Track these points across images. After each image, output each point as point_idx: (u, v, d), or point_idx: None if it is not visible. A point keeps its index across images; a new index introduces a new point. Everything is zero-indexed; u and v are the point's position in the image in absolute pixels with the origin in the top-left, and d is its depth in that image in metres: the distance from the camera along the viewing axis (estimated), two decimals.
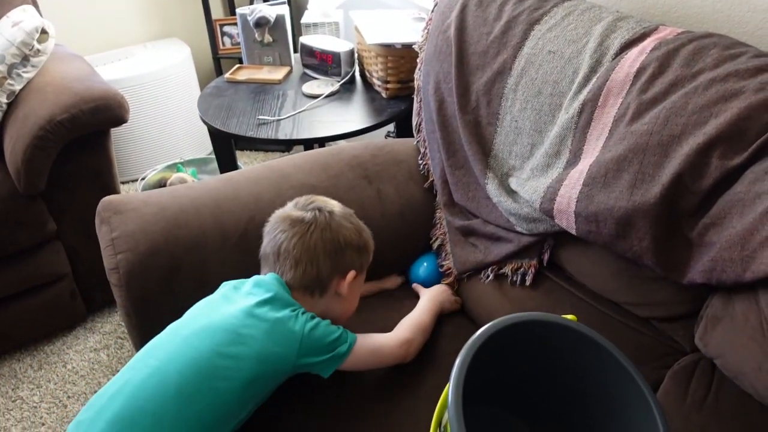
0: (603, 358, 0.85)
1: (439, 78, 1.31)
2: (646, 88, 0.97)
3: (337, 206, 1.10)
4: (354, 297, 1.11)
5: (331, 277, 1.04)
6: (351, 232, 1.06)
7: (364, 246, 1.09)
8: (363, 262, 1.09)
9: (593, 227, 0.98)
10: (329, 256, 1.03)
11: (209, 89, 1.98)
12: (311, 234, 1.03)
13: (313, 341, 0.97)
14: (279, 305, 0.99)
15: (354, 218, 1.11)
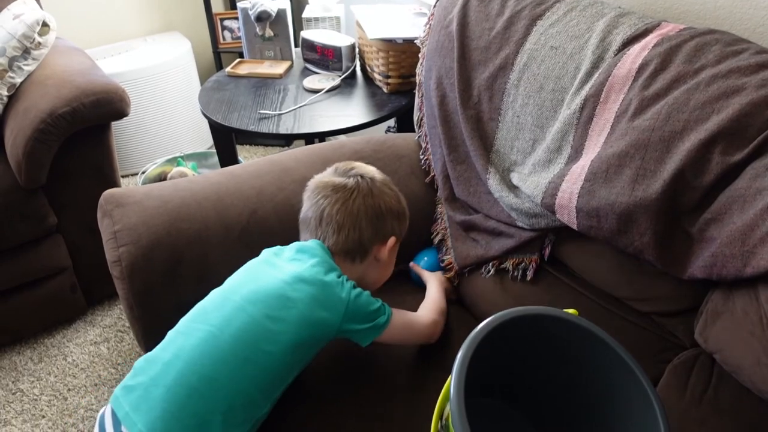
0: (603, 352, 0.85)
1: (441, 73, 1.32)
2: (649, 84, 0.97)
3: (376, 173, 1.12)
4: (390, 263, 1.13)
5: (372, 243, 1.06)
6: (392, 198, 1.09)
7: (403, 213, 1.12)
8: (402, 229, 1.12)
9: (594, 222, 0.99)
10: (371, 222, 1.05)
11: (210, 83, 1.98)
12: (354, 200, 1.04)
13: (357, 308, 0.99)
14: (325, 270, 1.01)
15: (393, 185, 1.13)
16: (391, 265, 1.15)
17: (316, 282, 0.98)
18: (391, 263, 1.14)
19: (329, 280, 0.99)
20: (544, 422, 0.98)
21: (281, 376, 0.95)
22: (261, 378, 0.91)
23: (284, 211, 1.27)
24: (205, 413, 0.87)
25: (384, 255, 1.08)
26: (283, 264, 1.03)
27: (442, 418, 0.86)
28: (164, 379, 0.89)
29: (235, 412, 0.88)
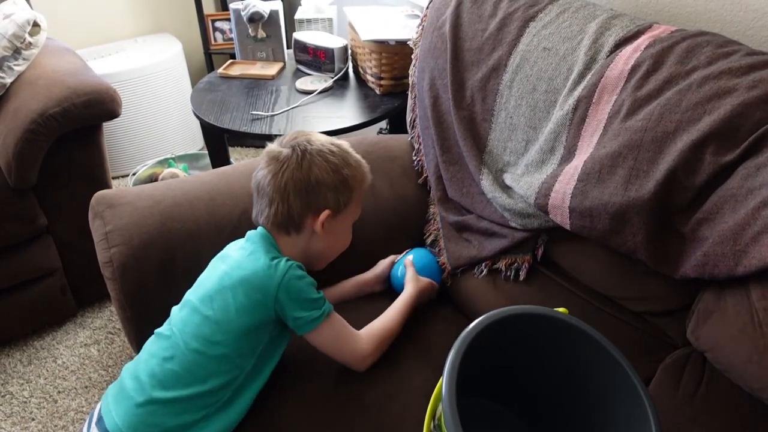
0: (595, 351, 0.86)
1: (434, 74, 1.32)
2: (641, 85, 0.98)
3: (318, 142, 1.07)
4: (339, 235, 1.12)
5: (303, 216, 1.04)
6: (324, 170, 1.03)
7: (342, 184, 1.05)
8: (342, 200, 1.06)
9: (587, 222, 0.99)
10: (299, 194, 1.02)
11: (202, 84, 1.98)
12: (283, 173, 1.02)
13: (291, 290, 0.99)
14: (262, 253, 1.02)
15: (336, 155, 1.06)
16: (342, 237, 1.13)
17: (248, 267, 1.00)
18: (339, 235, 1.12)
19: (261, 264, 1.00)
20: (537, 421, 0.98)
21: (238, 363, 1.00)
22: (216, 367, 0.98)
23: None
24: (167, 403, 0.98)
25: (318, 227, 1.05)
26: (231, 254, 1.07)
27: (435, 418, 0.86)
28: (137, 372, 1.01)
29: (194, 400, 0.97)
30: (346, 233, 1.14)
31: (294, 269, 1.00)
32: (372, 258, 1.35)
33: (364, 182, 1.11)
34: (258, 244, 1.06)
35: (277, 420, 1.03)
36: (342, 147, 1.08)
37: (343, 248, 1.15)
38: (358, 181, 1.09)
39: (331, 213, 1.04)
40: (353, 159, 1.09)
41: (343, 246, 1.15)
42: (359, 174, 1.09)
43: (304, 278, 1.01)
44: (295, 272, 1.00)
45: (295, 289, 0.99)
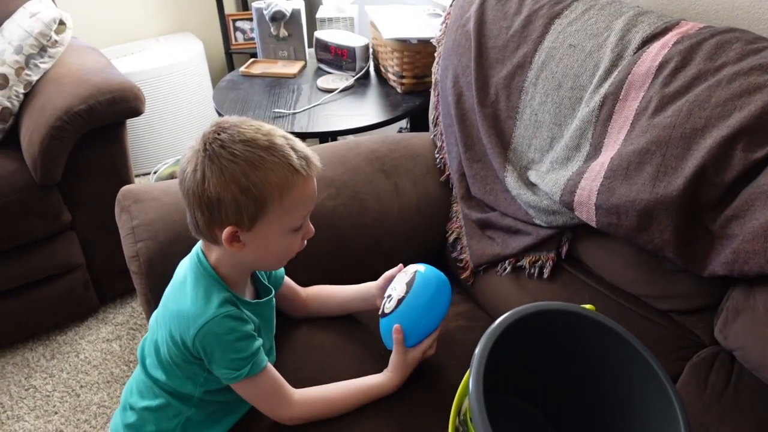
0: (622, 349, 0.85)
1: (458, 72, 1.32)
2: (669, 81, 0.97)
3: (229, 138, 0.84)
4: (268, 246, 0.92)
5: (210, 230, 0.88)
6: (219, 182, 0.83)
7: (245, 195, 0.84)
8: (248, 214, 0.85)
9: (614, 219, 0.99)
10: (199, 208, 0.86)
11: (224, 82, 1.99)
12: (184, 180, 0.87)
13: (210, 344, 0.90)
14: (189, 285, 0.93)
15: (240, 158, 0.83)
16: (277, 246, 0.93)
17: (177, 300, 0.93)
18: (271, 245, 0.92)
19: (187, 302, 0.91)
20: (561, 418, 0.98)
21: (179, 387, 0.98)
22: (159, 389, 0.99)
23: None
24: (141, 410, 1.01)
25: (226, 245, 0.88)
26: (178, 271, 1.00)
27: (460, 414, 0.86)
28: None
29: (163, 410, 1.00)
30: (282, 242, 0.92)
31: (221, 321, 0.89)
32: (396, 256, 1.35)
33: (288, 186, 0.86)
34: (193, 266, 0.95)
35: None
36: (256, 142, 0.84)
37: (287, 256, 0.97)
38: (276, 186, 0.85)
39: (236, 229, 0.86)
40: (270, 160, 0.84)
41: (285, 255, 0.96)
42: (277, 178, 0.85)
43: (232, 332, 0.90)
44: (221, 325, 0.89)
45: (215, 345, 0.90)
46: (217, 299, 0.91)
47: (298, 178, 0.86)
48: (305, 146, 0.91)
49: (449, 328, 1.20)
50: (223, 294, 0.92)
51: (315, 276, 1.28)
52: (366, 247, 1.32)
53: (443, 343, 1.16)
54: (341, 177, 1.34)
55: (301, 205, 0.90)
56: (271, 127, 0.89)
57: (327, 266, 1.28)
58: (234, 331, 0.90)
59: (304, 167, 0.87)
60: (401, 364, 1.03)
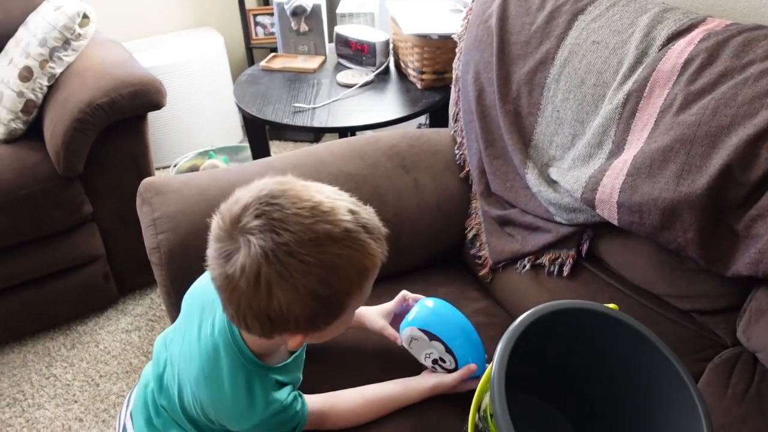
0: (645, 348, 0.84)
1: (479, 67, 1.31)
2: (694, 78, 0.96)
3: (297, 224, 0.68)
4: (326, 336, 0.80)
5: (270, 335, 0.74)
6: (301, 300, 0.68)
7: (325, 304, 0.71)
8: (324, 321, 0.74)
9: (636, 218, 0.98)
10: (258, 319, 0.71)
11: (244, 77, 2.00)
12: (234, 291, 0.69)
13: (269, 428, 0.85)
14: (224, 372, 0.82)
15: (316, 255, 0.68)
16: (333, 334, 0.81)
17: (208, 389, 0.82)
18: (329, 334, 0.80)
19: (227, 395, 0.81)
20: (580, 417, 0.97)
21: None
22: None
23: None
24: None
25: (293, 345, 0.77)
26: (204, 330, 0.85)
27: (480, 410, 0.86)
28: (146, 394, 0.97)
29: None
30: (339, 329, 0.82)
31: (268, 420, 0.83)
32: (415, 252, 1.35)
33: (368, 277, 0.75)
34: (227, 346, 0.82)
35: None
36: (330, 236, 0.68)
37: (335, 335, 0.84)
38: (356, 281, 0.72)
39: (306, 335, 0.76)
40: (347, 255, 0.70)
41: (335, 335, 0.83)
42: (357, 273, 0.72)
43: (279, 424, 0.85)
44: (268, 424, 0.84)
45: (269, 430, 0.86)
46: (261, 396, 0.82)
47: (376, 263, 0.74)
48: (370, 212, 0.76)
49: None
50: (266, 380, 0.83)
51: None
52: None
53: None
54: (361, 172, 1.34)
55: (371, 284, 0.78)
56: (329, 201, 0.71)
57: None
58: (281, 423, 0.86)
59: (381, 248, 0.74)
60: (446, 387, 1.01)
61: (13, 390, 1.77)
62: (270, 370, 0.85)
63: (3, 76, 1.78)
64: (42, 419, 1.68)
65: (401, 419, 1.01)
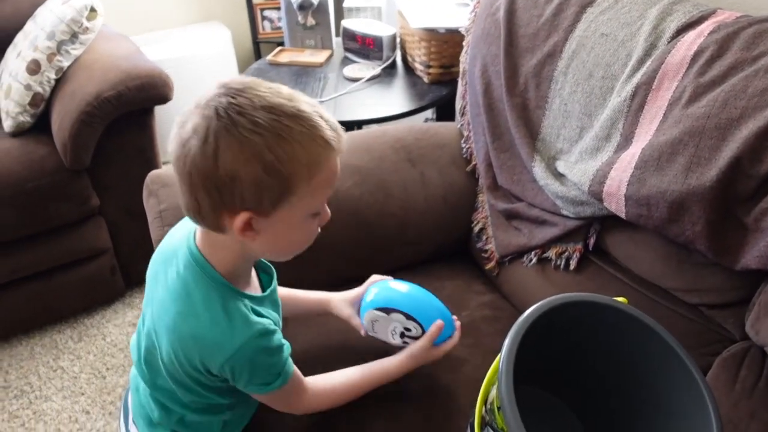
0: (652, 342, 0.84)
1: (487, 61, 1.31)
2: (704, 71, 0.95)
3: (249, 103, 0.69)
4: (283, 234, 0.78)
5: (215, 216, 0.73)
6: (238, 158, 0.68)
7: (270, 175, 0.69)
8: (270, 198, 0.71)
9: (644, 211, 0.97)
10: (205, 190, 0.70)
11: (251, 71, 2.00)
12: (185, 156, 0.70)
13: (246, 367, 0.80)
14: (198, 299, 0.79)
15: (266, 129, 0.68)
16: (291, 235, 0.79)
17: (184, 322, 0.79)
18: (287, 233, 0.78)
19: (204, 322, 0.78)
20: (587, 410, 0.97)
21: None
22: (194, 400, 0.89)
23: None
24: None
25: (237, 233, 0.73)
26: (165, 276, 0.84)
27: (487, 403, 0.86)
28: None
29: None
30: (303, 228, 0.79)
31: (252, 344, 0.78)
32: (421, 245, 1.35)
33: (318, 163, 0.72)
34: (191, 271, 0.80)
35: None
36: (282, 109, 0.70)
37: (304, 245, 0.82)
38: (305, 163, 0.71)
39: (252, 215, 0.72)
40: (298, 131, 0.70)
41: (302, 244, 0.82)
42: (307, 153, 0.71)
43: (264, 351, 0.80)
44: (252, 348, 0.78)
45: (246, 368, 0.80)
46: (240, 317, 0.79)
47: (329, 153, 0.73)
48: (332, 116, 0.77)
49: (474, 317, 1.19)
50: (242, 304, 0.80)
51: (341, 263, 1.28)
52: (391, 236, 1.32)
53: (468, 332, 1.15)
54: (367, 165, 1.34)
55: (328, 184, 0.76)
56: (291, 91, 0.74)
57: (352, 254, 1.28)
58: (266, 351, 0.81)
59: (335, 139, 0.73)
60: (424, 355, 0.98)
61: (21, 382, 1.78)
62: (244, 296, 0.81)
63: (11, 69, 1.78)
64: (49, 411, 1.69)
65: (409, 412, 1.01)
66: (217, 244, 0.79)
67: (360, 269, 1.31)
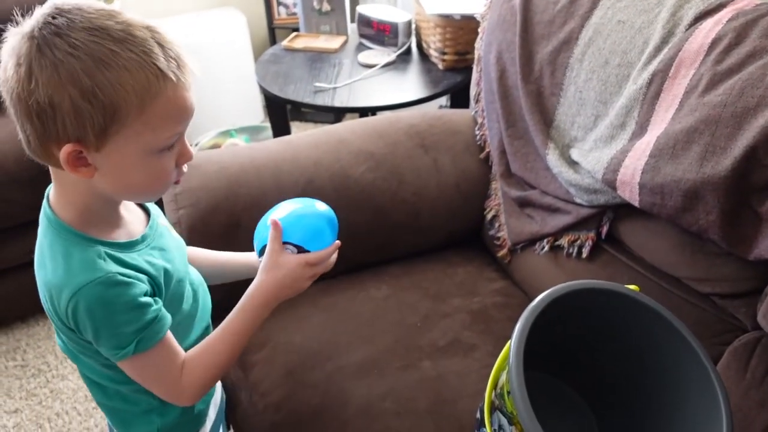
0: (663, 330, 0.84)
1: (502, 47, 1.30)
2: (722, 59, 0.95)
3: (68, 23, 0.63)
4: (126, 170, 0.70)
5: (43, 147, 0.67)
6: (54, 83, 0.62)
7: (89, 101, 0.63)
8: (95, 126, 0.65)
9: (658, 199, 0.97)
10: (28, 115, 0.65)
11: (266, 56, 2.00)
12: (5, 84, 0.65)
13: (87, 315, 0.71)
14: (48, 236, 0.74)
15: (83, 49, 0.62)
16: (139, 171, 0.71)
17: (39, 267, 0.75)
18: (131, 169, 0.70)
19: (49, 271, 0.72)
20: (596, 397, 0.97)
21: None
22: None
23: (340, 181, 1.28)
24: None
25: (66, 167, 0.66)
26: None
27: (497, 387, 0.86)
28: None
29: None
30: (148, 165, 0.71)
31: (90, 290, 0.69)
32: (433, 231, 1.36)
33: (150, 93, 0.66)
34: (42, 220, 0.76)
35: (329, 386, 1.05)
36: (107, 32, 0.64)
37: (159, 184, 0.75)
38: (133, 91, 0.65)
39: (78, 147, 0.66)
40: (125, 57, 0.64)
41: (156, 182, 0.74)
42: (134, 80, 0.64)
43: (109, 304, 0.71)
44: (90, 296, 0.70)
45: (88, 321, 0.71)
46: (81, 260, 0.71)
47: (165, 84, 0.66)
48: (179, 46, 0.70)
49: (485, 304, 1.20)
50: (88, 250, 0.72)
51: (354, 248, 1.29)
52: (403, 222, 1.32)
53: (479, 318, 1.16)
54: (380, 151, 1.34)
55: (169, 119, 0.69)
56: (131, 15, 0.67)
57: (365, 238, 1.29)
58: (112, 304, 0.71)
59: (175, 70, 0.67)
60: (272, 262, 0.86)
61: (38, 361, 1.81)
62: (96, 242, 0.73)
63: None
64: (65, 390, 1.72)
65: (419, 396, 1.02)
66: (67, 187, 0.73)
67: (373, 255, 1.33)
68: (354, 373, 1.06)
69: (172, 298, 0.82)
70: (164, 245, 0.83)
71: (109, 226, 0.77)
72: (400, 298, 1.21)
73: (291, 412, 1.02)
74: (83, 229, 0.73)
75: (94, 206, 0.74)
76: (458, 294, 1.22)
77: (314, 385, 1.05)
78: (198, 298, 0.91)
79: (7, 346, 1.86)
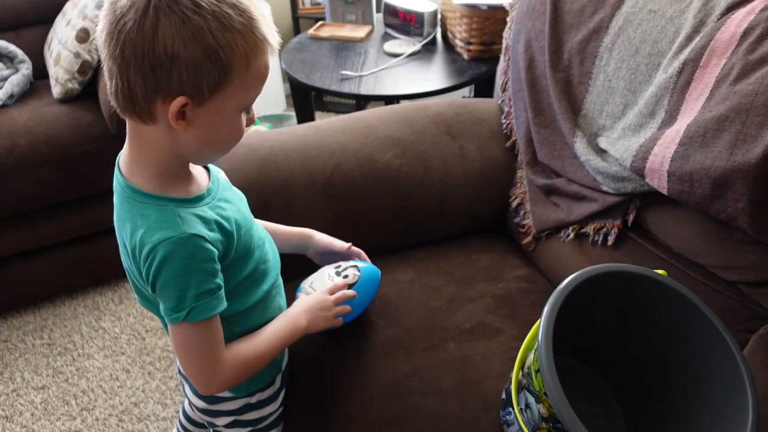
0: (690, 315, 0.85)
1: (531, 36, 1.31)
2: (754, 48, 0.95)
3: None
4: (215, 128, 0.75)
5: (149, 101, 0.70)
6: (179, 36, 0.66)
7: (209, 58, 0.68)
8: (209, 83, 0.70)
9: (686, 187, 0.98)
10: (140, 69, 0.67)
11: (293, 44, 2.02)
12: (119, 33, 0.66)
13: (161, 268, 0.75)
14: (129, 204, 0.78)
15: (206, 10, 0.67)
16: (223, 129, 0.76)
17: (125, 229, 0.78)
18: (219, 127, 0.75)
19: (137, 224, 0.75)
20: (621, 386, 0.98)
21: None
22: None
23: (367, 167, 1.30)
24: None
25: (172, 120, 0.70)
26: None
27: (524, 367, 0.88)
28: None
29: None
30: (233, 123, 0.77)
31: (179, 241, 0.74)
32: (458, 218, 1.37)
33: (255, 55, 0.72)
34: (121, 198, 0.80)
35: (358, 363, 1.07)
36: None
37: (233, 143, 0.81)
38: (243, 53, 0.70)
39: (189, 101, 0.70)
40: (237, 20, 0.69)
41: (232, 141, 0.80)
42: (246, 42, 0.70)
43: (192, 256, 0.75)
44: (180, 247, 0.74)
45: (168, 268, 0.74)
46: (155, 220, 0.75)
47: (265, 47, 0.73)
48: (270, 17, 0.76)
49: (510, 289, 1.21)
50: (164, 210, 0.76)
51: (380, 233, 1.31)
52: (429, 208, 1.34)
53: (503, 303, 1.17)
54: (407, 137, 1.35)
55: (260, 79, 0.75)
56: None
57: (391, 224, 1.31)
58: (184, 261, 0.75)
59: (272, 35, 0.75)
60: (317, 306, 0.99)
61: (65, 340, 1.85)
62: (170, 201, 0.77)
63: (61, 37, 1.83)
64: (91, 368, 1.75)
65: (445, 377, 1.03)
66: (145, 147, 0.76)
67: (398, 239, 1.35)
68: (380, 352, 1.07)
69: (243, 245, 0.86)
70: (229, 197, 0.89)
71: (183, 182, 0.81)
72: (424, 282, 1.23)
73: (318, 386, 1.04)
74: (157, 190, 0.77)
75: (170, 163, 0.78)
76: (482, 279, 1.24)
77: (342, 361, 1.06)
78: (265, 245, 0.96)
79: (34, 324, 1.90)
